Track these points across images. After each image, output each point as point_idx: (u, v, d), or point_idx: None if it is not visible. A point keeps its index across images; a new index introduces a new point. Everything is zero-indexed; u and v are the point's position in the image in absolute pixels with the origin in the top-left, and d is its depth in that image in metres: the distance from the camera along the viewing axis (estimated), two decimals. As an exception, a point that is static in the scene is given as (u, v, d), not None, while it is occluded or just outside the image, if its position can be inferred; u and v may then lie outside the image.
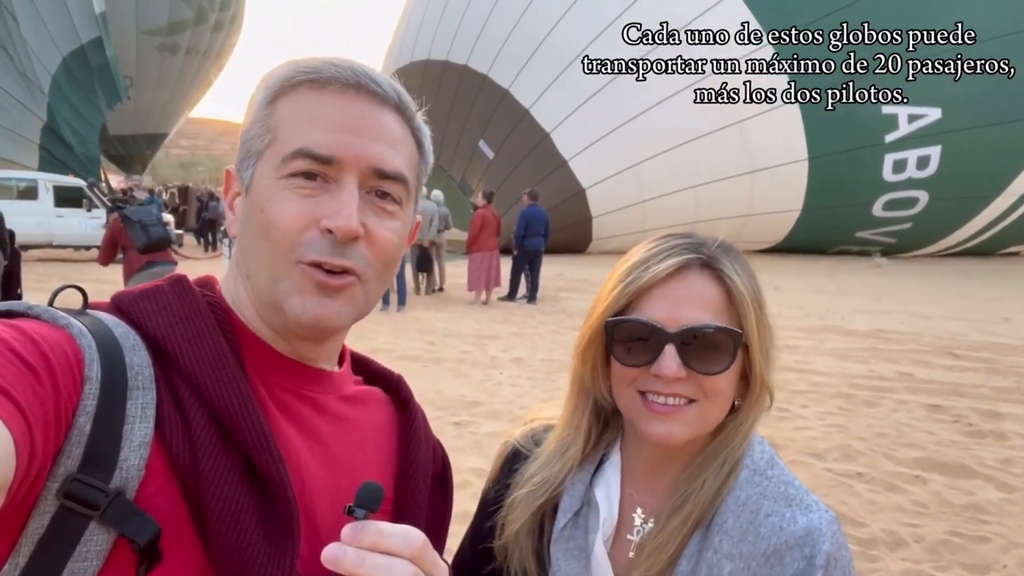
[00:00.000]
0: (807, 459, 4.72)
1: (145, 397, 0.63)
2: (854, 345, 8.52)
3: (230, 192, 0.77)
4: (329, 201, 0.69)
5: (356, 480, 0.74)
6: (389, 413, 0.86)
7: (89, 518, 0.58)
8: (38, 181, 16.39)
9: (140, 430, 0.62)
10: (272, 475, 0.65)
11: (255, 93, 0.75)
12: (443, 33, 20.60)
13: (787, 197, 18.28)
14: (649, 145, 17.44)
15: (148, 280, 0.75)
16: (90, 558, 0.58)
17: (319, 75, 0.71)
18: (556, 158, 17.99)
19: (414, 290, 12.32)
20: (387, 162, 0.72)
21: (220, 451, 0.64)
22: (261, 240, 0.70)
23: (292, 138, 0.70)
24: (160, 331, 0.68)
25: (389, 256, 0.74)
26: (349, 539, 0.57)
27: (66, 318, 0.63)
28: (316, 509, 0.71)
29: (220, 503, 0.62)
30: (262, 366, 0.73)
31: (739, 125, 17.34)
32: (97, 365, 0.61)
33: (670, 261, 0.86)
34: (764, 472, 0.89)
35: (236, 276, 0.76)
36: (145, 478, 0.61)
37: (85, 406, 0.60)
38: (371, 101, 0.72)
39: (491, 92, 19.16)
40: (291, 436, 0.72)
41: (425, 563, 0.60)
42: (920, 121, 17.34)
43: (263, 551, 0.62)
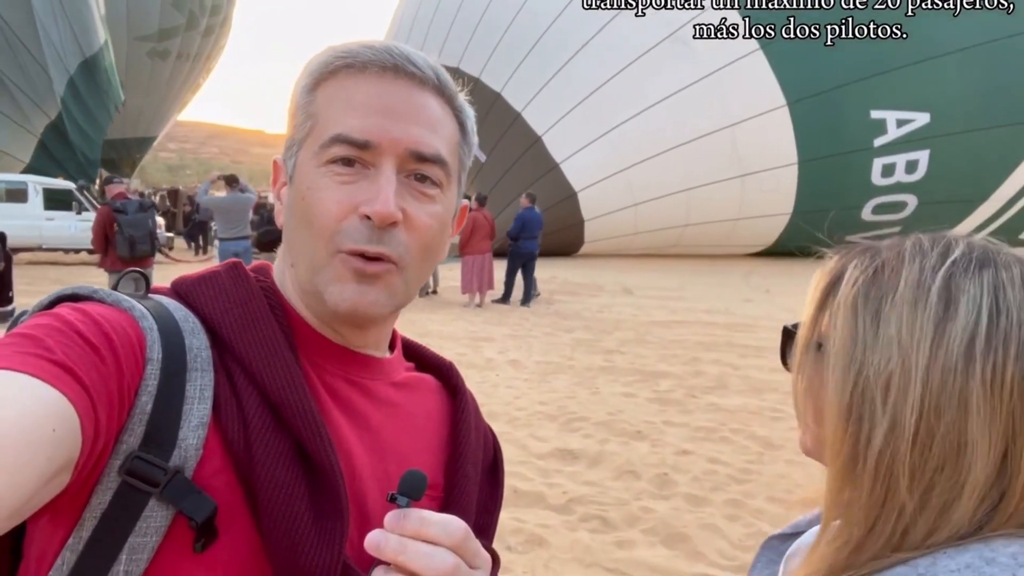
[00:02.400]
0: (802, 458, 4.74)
1: (203, 379, 0.65)
2: (846, 347, 8.59)
3: (278, 182, 0.78)
4: (368, 187, 0.69)
5: (405, 465, 0.74)
6: (440, 400, 0.86)
7: (149, 495, 0.59)
8: (27, 184, 16.28)
9: (199, 411, 0.63)
10: (323, 461, 0.66)
11: (297, 81, 0.75)
12: (434, 35, 20.61)
13: (777, 201, 18.40)
14: (640, 149, 17.52)
15: (126, 281, 0.75)
16: (150, 533, 0.59)
17: (356, 59, 0.71)
18: (548, 161, 18.03)
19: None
20: (426, 145, 0.71)
21: (273, 435, 0.65)
22: (303, 229, 0.71)
23: (330, 124, 0.70)
24: (216, 315, 0.69)
25: (429, 241, 0.73)
26: (392, 526, 0.58)
27: (129, 301, 0.65)
28: (366, 494, 0.72)
29: (272, 487, 0.63)
30: (313, 352, 0.74)
31: (730, 129, 17.46)
32: (158, 347, 0.63)
33: None
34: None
35: (284, 264, 0.77)
36: (203, 458, 0.62)
37: (147, 386, 0.61)
38: (409, 83, 0.72)
39: (483, 95, 19.17)
40: (341, 422, 0.73)
41: (467, 552, 0.60)
42: (909, 126, 17.49)
43: (313, 534, 0.63)
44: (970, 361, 0.60)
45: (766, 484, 4.35)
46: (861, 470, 0.63)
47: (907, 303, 0.63)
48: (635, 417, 5.60)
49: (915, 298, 0.63)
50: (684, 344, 8.60)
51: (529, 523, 3.76)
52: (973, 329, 0.60)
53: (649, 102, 17.43)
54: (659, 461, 4.70)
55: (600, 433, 5.24)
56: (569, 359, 7.81)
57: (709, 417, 5.69)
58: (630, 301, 12.18)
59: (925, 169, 17.84)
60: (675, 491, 4.23)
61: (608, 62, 17.65)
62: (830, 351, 0.67)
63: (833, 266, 0.73)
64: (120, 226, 7.26)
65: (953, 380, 0.60)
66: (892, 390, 0.61)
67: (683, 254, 19.56)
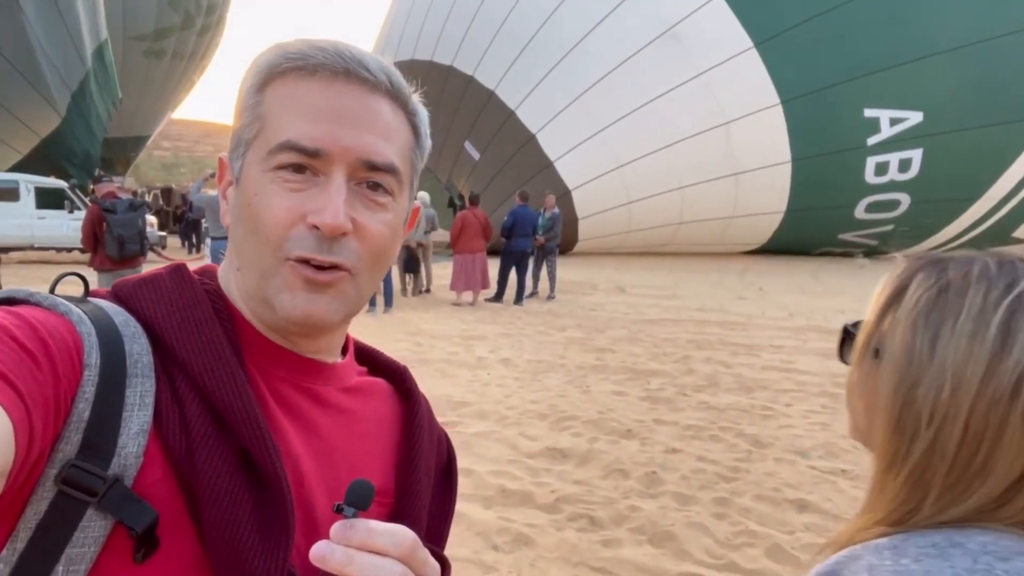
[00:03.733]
0: (791, 456, 4.77)
1: (144, 385, 0.63)
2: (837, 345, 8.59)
3: (223, 181, 0.76)
4: (317, 195, 0.68)
5: (356, 473, 0.74)
6: (392, 404, 0.85)
7: (87, 504, 0.58)
8: (19, 182, 16.19)
9: (139, 418, 0.62)
10: (267, 467, 0.65)
11: (244, 78, 0.73)
12: (428, 33, 20.60)
13: (771, 199, 18.44)
14: (634, 147, 17.53)
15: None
16: (88, 544, 0.58)
17: (306, 62, 0.69)
18: (542, 159, 18.03)
19: (400, 291, 12.29)
20: (377, 153, 0.70)
21: (216, 442, 0.64)
22: (250, 236, 0.69)
23: (279, 129, 0.69)
24: (158, 320, 0.67)
25: (381, 249, 0.73)
26: (338, 537, 0.57)
27: (66, 305, 0.63)
28: (315, 502, 0.71)
29: (215, 494, 0.62)
30: (260, 357, 0.72)
31: (724, 127, 17.48)
32: (96, 352, 0.61)
33: None
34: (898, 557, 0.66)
35: (230, 268, 0.75)
36: (143, 466, 0.61)
37: (84, 393, 0.60)
38: (361, 88, 0.70)
39: (476, 93, 19.17)
40: (289, 429, 0.71)
41: (415, 562, 0.60)
42: (902, 124, 17.55)
43: (257, 544, 0.62)
44: (1016, 397, 0.64)
45: (754, 482, 4.36)
46: (896, 473, 0.70)
47: (966, 335, 0.67)
48: (625, 416, 5.60)
49: (975, 330, 0.67)
50: (676, 342, 8.61)
51: (516, 522, 3.76)
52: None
53: (643, 100, 17.44)
54: (648, 460, 4.70)
55: (590, 432, 5.24)
56: (561, 357, 7.81)
57: (699, 415, 5.70)
58: (623, 299, 12.19)
59: (918, 167, 17.90)
60: (663, 490, 4.23)
61: (602, 60, 17.66)
62: (886, 361, 0.71)
63: (900, 274, 0.76)
64: (109, 225, 7.23)
65: (996, 413, 0.64)
66: (938, 414, 0.67)
67: (677, 252, 19.59)
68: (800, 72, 17.21)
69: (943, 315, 0.69)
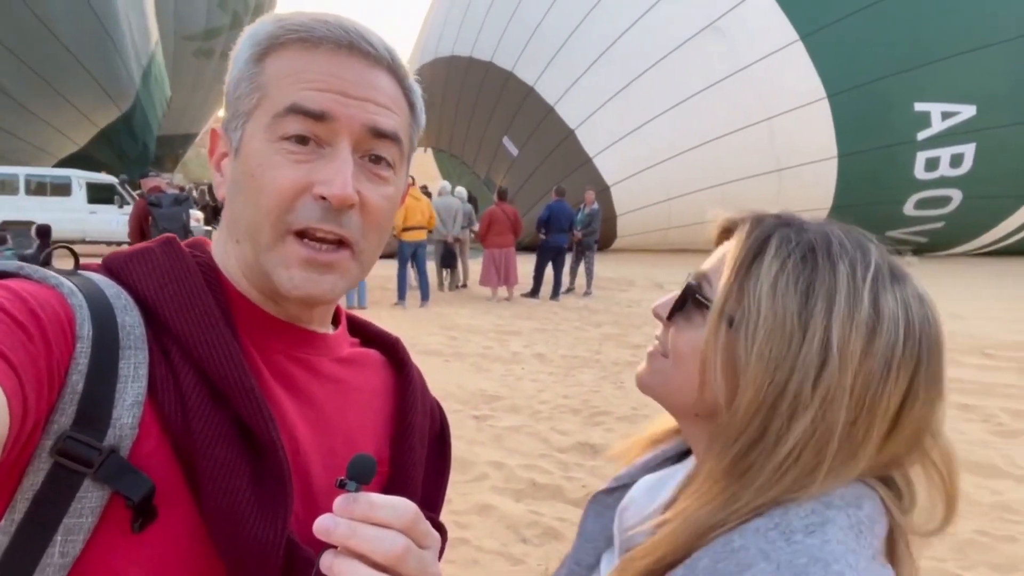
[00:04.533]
0: (831, 456, 4.65)
1: (137, 356, 0.63)
2: (882, 344, 8.37)
3: (216, 152, 0.76)
4: (324, 167, 0.67)
5: (350, 442, 0.75)
6: (385, 375, 0.86)
7: (83, 475, 0.58)
8: (71, 178, 16.72)
9: (133, 389, 0.62)
10: (263, 435, 0.65)
11: (239, 50, 0.73)
12: (468, 29, 20.63)
13: (816, 196, 18.03)
14: (675, 142, 17.31)
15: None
16: (85, 514, 0.58)
17: (310, 34, 0.69)
18: (580, 155, 17.93)
19: (437, 286, 12.36)
20: (382, 122, 0.70)
21: (211, 412, 0.64)
22: (251, 207, 0.69)
23: (283, 95, 0.68)
24: (150, 292, 0.67)
25: (382, 223, 0.73)
26: (340, 511, 0.58)
27: (57, 278, 0.63)
28: (311, 471, 0.71)
29: (212, 463, 0.62)
30: (253, 328, 0.73)
31: (767, 122, 17.15)
32: (88, 324, 0.62)
33: None
34: (790, 535, 0.63)
35: (226, 239, 0.75)
36: (139, 437, 0.61)
37: (77, 364, 0.60)
38: (364, 61, 0.71)
39: (515, 89, 19.14)
40: (283, 398, 0.72)
41: (417, 533, 0.60)
42: (954, 119, 16.98)
43: (255, 512, 0.62)
44: (887, 373, 0.67)
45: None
46: (769, 452, 0.67)
47: (844, 312, 0.67)
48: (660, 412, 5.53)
49: (851, 308, 0.68)
50: (714, 340, 8.48)
51: (546, 516, 3.74)
52: (894, 346, 0.67)
53: (685, 95, 17.20)
54: (682, 457, 4.64)
55: (623, 428, 5.19)
56: (596, 353, 7.76)
57: (736, 413, 5.60)
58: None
59: (971, 163, 17.31)
60: (696, 487, 4.16)
61: (643, 55, 17.46)
62: (752, 333, 0.69)
63: (752, 234, 0.74)
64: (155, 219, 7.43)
65: (874, 389, 0.67)
66: (820, 390, 0.66)
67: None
68: (847, 65, 16.77)
69: (814, 288, 0.68)
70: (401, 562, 0.58)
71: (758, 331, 0.68)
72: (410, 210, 10.76)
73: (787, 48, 16.86)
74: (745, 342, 0.69)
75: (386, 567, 0.57)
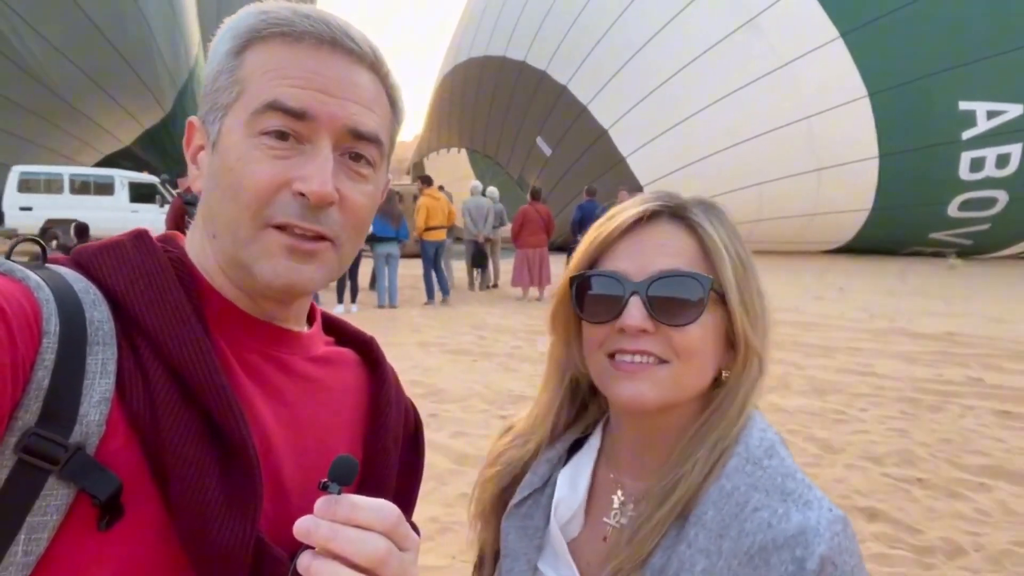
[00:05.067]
0: (863, 463, 4.54)
1: (105, 353, 0.62)
2: (922, 348, 8.16)
3: (192, 145, 0.75)
4: (304, 164, 0.67)
5: (322, 442, 0.75)
6: (360, 374, 0.85)
7: (48, 472, 0.57)
8: (114, 177, 17.15)
9: (100, 386, 0.61)
10: (233, 432, 0.64)
11: (218, 41, 0.73)
12: (501, 29, 20.66)
13: (856, 196, 17.67)
14: (710, 142, 17.11)
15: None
16: (50, 512, 0.58)
17: (292, 28, 0.69)
18: (614, 155, 17.83)
19: (468, 285, 12.40)
20: (363, 123, 0.70)
21: (180, 408, 0.63)
22: (229, 202, 0.68)
23: (263, 91, 0.68)
24: (120, 287, 0.66)
25: (362, 220, 0.73)
26: (322, 512, 0.57)
27: (23, 271, 0.62)
28: (282, 470, 0.70)
29: (181, 460, 0.61)
30: (226, 325, 0.71)
31: (805, 121, 16.86)
32: (55, 319, 0.60)
33: (637, 210, 0.83)
34: (758, 461, 0.79)
35: (202, 234, 0.73)
36: (106, 434, 0.60)
37: (43, 360, 0.59)
38: (347, 58, 0.70)
39: (549, 89, 19.11)
40: (255, 396, 0.71)
41: (398, 536, 0.59)
42: (1000, 118, 16.51)
43: (224, 510, 0.62)
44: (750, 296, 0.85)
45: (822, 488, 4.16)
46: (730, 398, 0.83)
47: (751, 262, 0.86)
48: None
49: (747, 256, 0.85)
50: (747, 342, 8.35)
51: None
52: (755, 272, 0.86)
53: (720, 94, 17.00)
54: (709, 460, 4.57)
55: (650, 430, 5.14)
56: (626, 354, 7.69)
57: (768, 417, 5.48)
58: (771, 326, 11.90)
59: (1017, 163, 16.81)
60: (723, 491, 4.10)
61: (678, 53, 17.30)
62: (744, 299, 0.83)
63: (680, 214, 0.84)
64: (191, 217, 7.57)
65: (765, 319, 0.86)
66: (761, 326, 0.84)
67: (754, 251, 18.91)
68: (889, 63, 16.41)
69: (746, 251, 0.85)
70: (382, 565, 0.57)
71: (748, 298, 0.83)
72: (431, 210, 10.81)
73: (827, 46, 16.55)
74: (740, 309, 0.82)
75: (366, 569, 0.56)
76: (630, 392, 0.79)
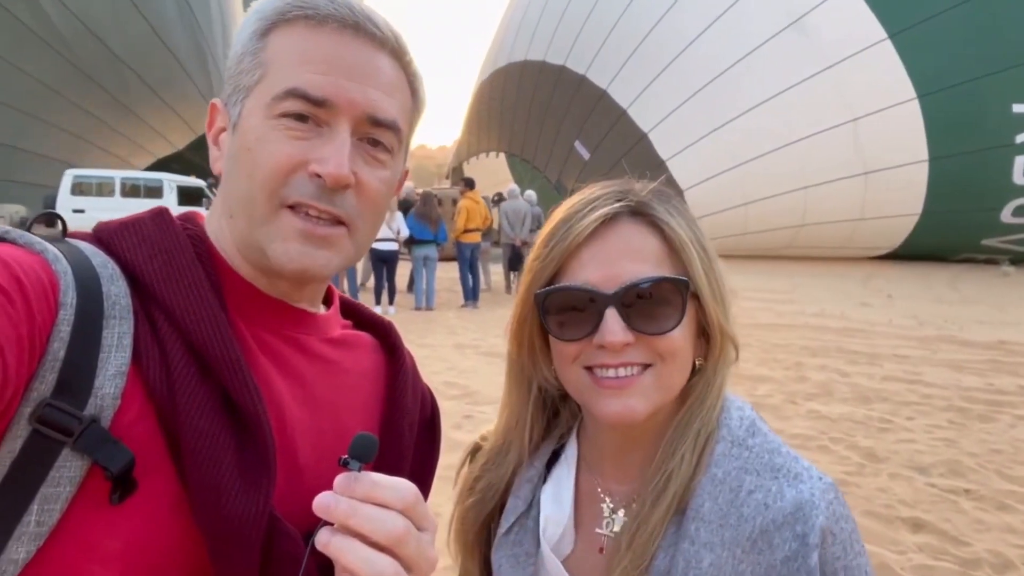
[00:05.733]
0: (909, 472, 4.40)
1: (122, 327, 0.63)
2: (972, 356, 7.90)
3: (214, 126, 0.76)
4: (321, 146, 0.67)
5: (339, 422, 0.75)
6: (377, 358, 0.85)
7: (63, 444, 0.58)
8: (163, 181, 17.64)
9: (116, 359, 0.61)
10: (248, 408, 0.64)
11: (245, 23, 0.73)
12: (541, 34, 20.68)
13: (904, 201, 17.21)
14: (752, 145, 16.84)
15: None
16: (63, 484, 0.58)
17: (316, 11, 0.69)
18: (654, 159, 17.67)
19: (505, 289, 12.40)
20: (382, 109, 0.70)
21: (197, 383, 0.63)
22: (246, 181, 0.69)
23: (284, 76, 0.68)
24: (139, 263, 0.67)
25: (377, 205, 0.73)
26: (342, 489, 0.57)
27: (42, 244, 0.63)
28: (297, 449, 0.70)
29: (196, 435, 0.61)
30: (243, 304, 0.72)
31: (852, 124, 16.49)
32: (73, 292, 0.61)
33: (595, 214, 0.77)
34: (743, 442, 0.78)
35: (220, 213, 0.74)
36: (121, 407, 0.60)
37: (59, 332, 0.59)
38: (369, 43, 0.70)
39: (588, 92, 19.05)
40: (272, 375, 0.71)
41: (416, 516, 0.59)
42: (1057, 119, 15.94)
43: (238, 485, 0.61)
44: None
45: (864, 497, 4.05)
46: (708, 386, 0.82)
47: (710, 245, 0.84)
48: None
49: (707, 241, 0.84)
50: (789, 348, 8.19)
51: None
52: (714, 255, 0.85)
53: (764, 96, 16.73)
54: (747, 466, 4.48)
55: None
56: (663, 359, 7.60)
57: (808, 425, 5.37)
58: (733, 302, 11.72)
59: (1075, 167, 16.18)
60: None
61: (720, 55, 17.09)
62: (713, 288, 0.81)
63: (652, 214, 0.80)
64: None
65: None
66: (728, 310, 0.83)
67: (797, 256, 18.63)
68: (939, 65, 15.97)
69: (708, 240, 0.85)
70: (401, 543, 0.56)
71: (717, 287, 0.82)
72: (471, 213, 10.88)
73: (874, 47, 16.18)
74: (712, 301, 0.81)
75: (384, 547, 0.56)
76: (618, 408, 0.76)
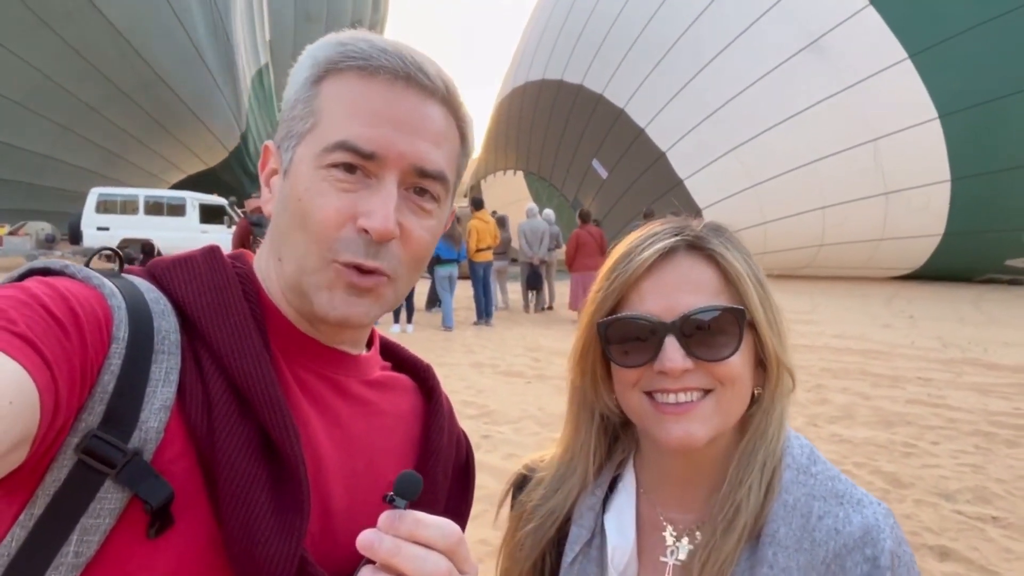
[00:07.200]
0: (934, 499, 4.32)
1: (170, 362, 0.64)
2: (998, 380, 7.76)
3: (267, 168, 0.78)
4: (368, 198, 0.69)
5: (373, 465, 0.75)
6: (414, 401, 0.85)
7: (105, 475, 0.58)
8: (186, 199, 17.87)
9: (162, 394, 0.62)
10: (286, 449, 0.65)
11: (298, 68, 0.75)
12: (559, 53, 20.81)
13: (926, 221, 17.03)
14: (771, 164, 16.78)
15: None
16: (103, 515, 0.59)
17: (368, 63, 0.70)
18: (672, 178, 17.66)
19: (523, 307, 12.40)
20: (430, 161, 0.71)
21: (237, 422, 0.64)
22: (297, 230, 0.70)
23: (335, 128, 0.69)
24: (188, 299, 0.68)
25: (422, 254, 0.74)
26: (386, 527, 0.57)
27: (99, 279, 0.65)
28: (331, 490, 0.71)
29: (233, 474, 0.62)
30: (286, 343, 0.73)
31: (871, 143, 16.39)
32: (125, 326, 0.62)
33: (654, 248, 0.81)
34: (807, 469, 0.82)
35: (269, 255, 0.76)
36: (163, 442, 0.61)
37: (110, 365, 0.61)
38: (419, 93, 0.71)
39: (605, 111, 19.11)
40: (310, 415, 0.72)
41: (459, 558, 0.59)
42: (1082, 138, 15.72)
43: (272, 525, 0.62)
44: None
45: (889, 524, 3.97)
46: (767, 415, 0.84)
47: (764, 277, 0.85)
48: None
49: (761, 273, 0.85)
50: (809, 370, 8.09)
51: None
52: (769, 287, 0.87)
53: (782, 116, 16.69)
54: (768, 491, 4.41)
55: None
56: (682, 380, 7.53)
57: (831, 448, 5.29)
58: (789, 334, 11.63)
59: (1101, 187, 15.94)
60: (783, 524, 3.94)
61: (738, 75, 17.09)
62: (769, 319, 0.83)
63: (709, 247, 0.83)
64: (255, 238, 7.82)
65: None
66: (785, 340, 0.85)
67: (816, 276, 18.48)
68: (960, 84, 15.84)
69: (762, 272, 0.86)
70: None
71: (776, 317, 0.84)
72: (481, 232, 10.93)
73: (895, 67, 16.11)
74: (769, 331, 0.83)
75: None
76: (679, 433, 0.78)
